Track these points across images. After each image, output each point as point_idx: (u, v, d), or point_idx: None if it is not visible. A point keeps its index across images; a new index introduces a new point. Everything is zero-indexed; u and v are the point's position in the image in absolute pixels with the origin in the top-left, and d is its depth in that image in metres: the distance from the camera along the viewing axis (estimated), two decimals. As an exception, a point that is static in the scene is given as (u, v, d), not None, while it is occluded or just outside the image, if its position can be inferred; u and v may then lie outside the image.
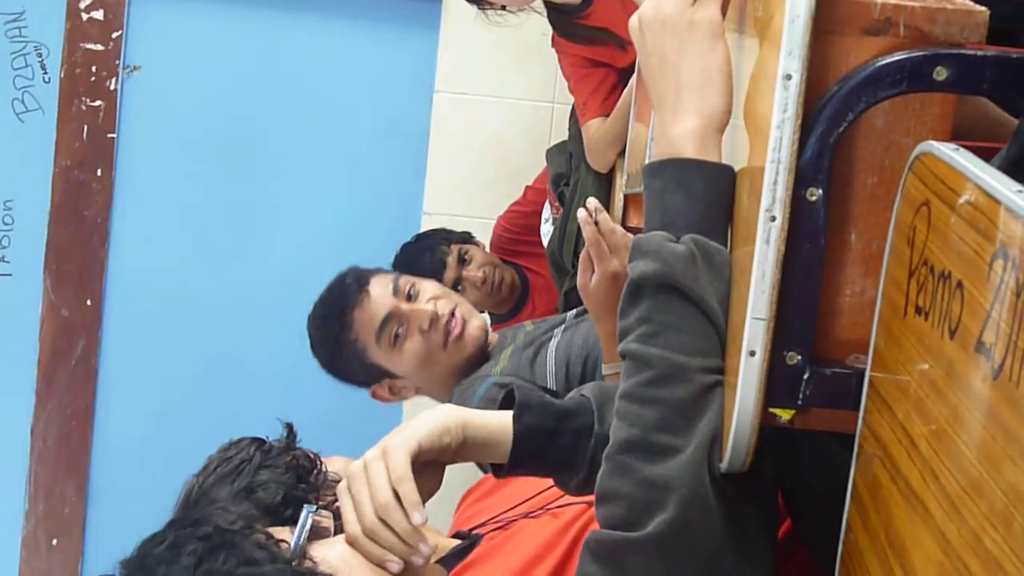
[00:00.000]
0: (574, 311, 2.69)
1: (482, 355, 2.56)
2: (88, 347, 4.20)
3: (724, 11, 1.30)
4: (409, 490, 1.42)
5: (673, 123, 1.27)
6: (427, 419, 1.49)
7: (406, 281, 2.56)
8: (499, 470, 1.55)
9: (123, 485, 4.22)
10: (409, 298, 2.53)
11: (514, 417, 1.50)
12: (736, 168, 1.28)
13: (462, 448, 1.50)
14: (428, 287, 2.57)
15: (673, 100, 1.28)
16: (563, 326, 2.57)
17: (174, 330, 4.21)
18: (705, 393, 1.21)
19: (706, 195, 1.25)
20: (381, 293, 2.54)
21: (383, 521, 1.42)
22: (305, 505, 1.54)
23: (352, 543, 1.44)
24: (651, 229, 1.26)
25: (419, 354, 2.51)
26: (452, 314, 2.53)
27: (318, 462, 1.84)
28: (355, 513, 1.45)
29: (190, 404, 4.22)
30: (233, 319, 4.21)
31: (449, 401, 2.49)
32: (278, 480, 1.79)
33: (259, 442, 1.90)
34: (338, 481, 1.84)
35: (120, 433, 4.25)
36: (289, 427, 1.94)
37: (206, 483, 1.88)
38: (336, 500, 1.75)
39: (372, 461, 1.46)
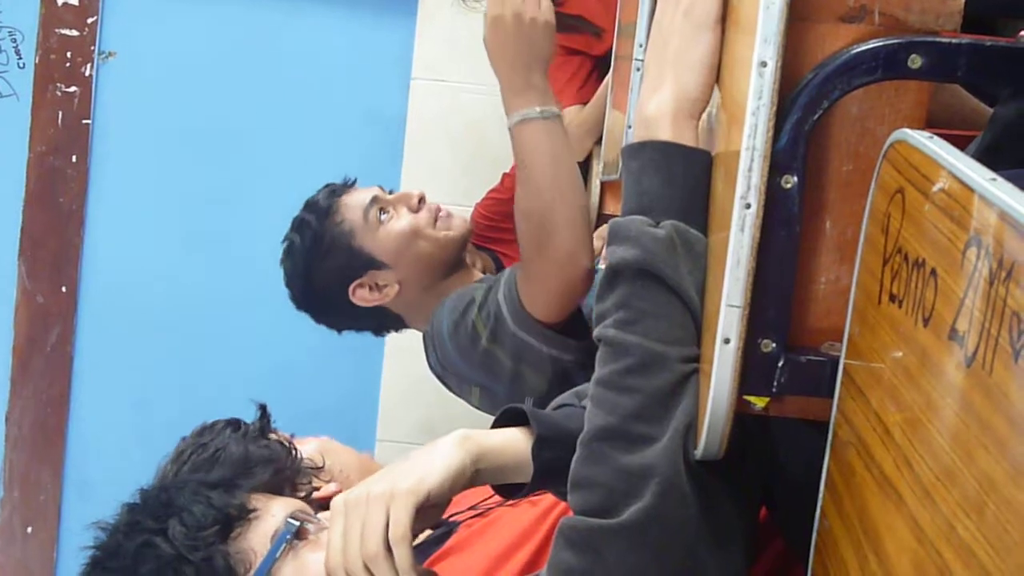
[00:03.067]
0: None
1: (462, 254, 2.58)
2: (63, 334, 4.19)
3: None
4: (403, 554, 1.36)
5: (649, 99, 1.27)
6: (442, 461, 1.40)
7: (386, 189, 2.63)
8: (504, 490, 1.51)
9: (99, 472, 4.20)
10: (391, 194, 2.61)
11: (534, 454, 1.44)
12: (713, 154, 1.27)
13: (473, 480, 1.44)
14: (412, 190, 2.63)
15: (654, 75, 1.28)
16: None
17: (150, 317, 4.19)
18: (682, 382, 1.21)
19: (684, 179, 1.25)
20: (365, 188, 2.61)
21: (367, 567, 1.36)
22: (287, 520, 1.50)
23: (330, 574, 1.39)
24: (628, 211, 1.26)
25: (407, 229, 2.51)
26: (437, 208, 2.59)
27: (293, 450, 1.82)
28: (342, 543, 1.38)
29: (166, 391, 4.21)
30: (209, 306, 4.20)
31: (429, 321, 2.48)
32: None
33: (234, 426, 1.88)
34: (314, 468, 1.83)
35: (96, 420, 4.24)
36: (263, 409, 1.92)
37: (181, 472, 1.86)
38: (312, 487, 1.74)
39: (375, 501, 1.38)
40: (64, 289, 4.17)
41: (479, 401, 2.46)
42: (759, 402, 1.17)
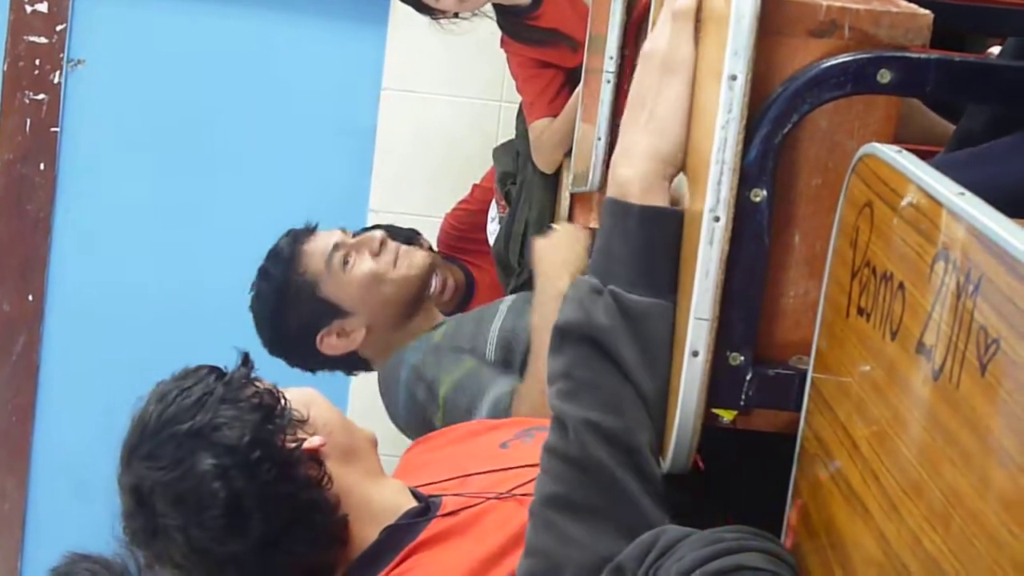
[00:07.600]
0: (516, 295, 2.72)
1: (425, 290, 2.64)
2: (29, 343, 4.16)
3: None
4: None
5: (620, 162, 1.25)
6: None
7: (349, 231, 2.67)
8: None
9: (64, 482, 4.18)
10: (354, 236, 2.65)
11: None
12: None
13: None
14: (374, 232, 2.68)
15: (626, 131, 1.26)
16: (509, 304, 2.59)
17: (117, 326, 4.17)
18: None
19: (641, 243, 1.22)
20: (328, 233, 2.64)
21: None
22: None
23: None
24: (592, 268, 1.26)
25: (369, 273, 2.56)
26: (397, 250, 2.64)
27: (282, 398, 1.81)
28: None
29: (133, 401, 4.18)
30: (176, 315, 4.18)
31: (384, 371, 2.59)
32: (243, 419, 1.75)
33: (217, 372, 1.86)
34: (302, 420, 1.82)
35: (61, 429, 4.21)
36: (245, 357, 1.91)
37: (165, 414, 1.83)
38: (299, 439, 1.75)
39: None
40: (31, 297, 4.14)
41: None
42: (727, 415, 1.17)
